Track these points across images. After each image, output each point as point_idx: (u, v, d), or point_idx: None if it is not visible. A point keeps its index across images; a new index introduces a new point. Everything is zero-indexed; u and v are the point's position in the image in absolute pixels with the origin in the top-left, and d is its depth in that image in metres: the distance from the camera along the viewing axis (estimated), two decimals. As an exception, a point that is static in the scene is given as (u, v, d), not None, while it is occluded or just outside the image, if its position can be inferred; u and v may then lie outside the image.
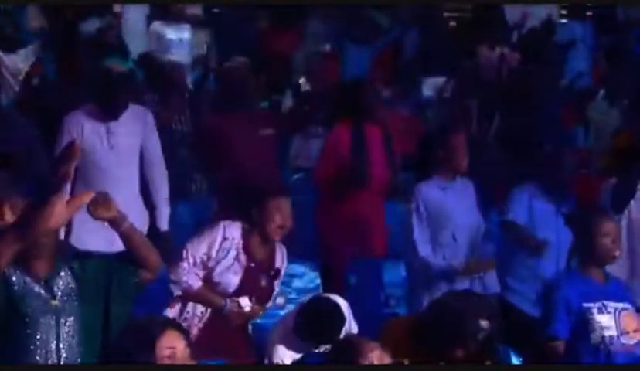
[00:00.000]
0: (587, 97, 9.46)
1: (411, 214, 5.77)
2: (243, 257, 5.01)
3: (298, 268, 6.51)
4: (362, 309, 5.52)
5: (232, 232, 5.03)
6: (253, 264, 5.03)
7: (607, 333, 4.54)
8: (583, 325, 4.59)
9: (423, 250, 5.70)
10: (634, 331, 4.59)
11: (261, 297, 5.08)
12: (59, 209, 2.69)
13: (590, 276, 4.68)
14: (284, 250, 5.25)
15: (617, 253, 4.68)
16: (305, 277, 6.37)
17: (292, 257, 6.43)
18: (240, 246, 5.02)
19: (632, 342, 4.58)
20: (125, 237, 3.85)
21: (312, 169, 6.75)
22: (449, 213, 5.76)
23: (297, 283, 6.33)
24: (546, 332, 4.66)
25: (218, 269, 4.99)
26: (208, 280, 5.00)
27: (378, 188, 6.45)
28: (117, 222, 3.82)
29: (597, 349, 4.55)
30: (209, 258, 4.99)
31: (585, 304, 4.58)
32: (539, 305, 5.07)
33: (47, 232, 3.27)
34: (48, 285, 3.77)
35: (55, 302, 3.75)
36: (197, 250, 5.00)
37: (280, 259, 5.22)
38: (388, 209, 6.59)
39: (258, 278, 5.06)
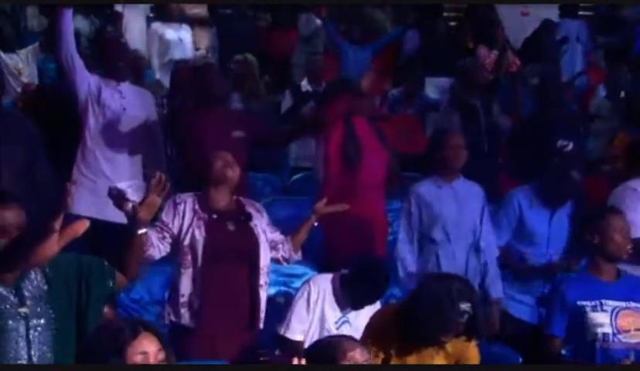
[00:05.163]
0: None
1: (402, 213, 5.87)
2: (201, 213, 5.10)
3: (299, 268, 6.50)
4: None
5: (183, 197, 5.16)
6: (215, 215, 5.10)
7: (600, 330, 4.61)
8: (578, 323, 4.68)
9: (401, 249, 5.79)
10: (636, 329, 4.63)
11: (239, 236, 5.12)
12: (51, 243, 2.66)
13: (596, 275, 4.76)
14: (257, 204, 5.36)
15: (628, 248, 4.74)
16: (306, 277, 6.35)
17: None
18: (195, 204, 5.13)
19: (634, 340, 4.63)
20: (136, 241, 3.81)
21: (313, 170, 6.75)
22: (441, 210, 5.79)
23: (297, 283, 6.32)
24: (544, 332, 4.82)
25: (182, 232, 5.07)
26: (177, 243, 5.08)
27: (375, 174, 6.47)
28: (141, 224, 3.81)
29: (593, 347, 4.62)
30: (165, 224, 5.08)
31: (580, 303, 4.67)
32: (538, 311, 5.20)
33: (39, 263, 3.30)
34: (18, 289, 3.59)
35: (24, 309, 3.59)
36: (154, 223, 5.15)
37: (252, 207, 5.27)
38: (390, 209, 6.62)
39: (225, 225, 5.11)
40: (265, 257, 5.19)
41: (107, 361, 2.98)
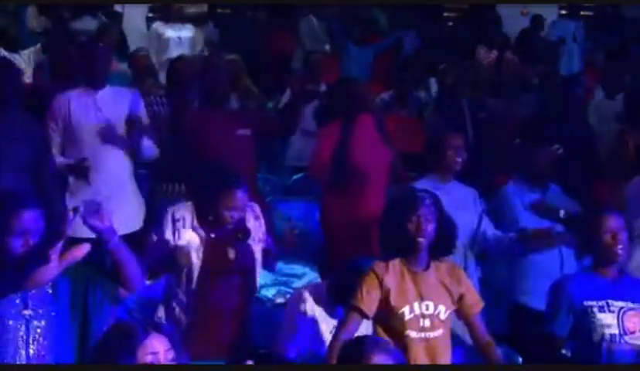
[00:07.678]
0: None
1: None
2: (199, 230, 4.97)
3: (299, 268, 6.53)
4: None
5: (181, 212, 5.02)
6: (213, 234, 4.99)
7: (607, 331, 4.54)
8: (584, 323, 4.59)
9: None
10: None
11: (238, 259, 5.05)
12: (50, 269, 2.72)
13: (600, 274, 4.68)
14: (257, 207, 5.23)
15: (619, 250, 4.65)
16: (306, 277, 6.39)
17: (293, 258, 6.51)
18: (194, 220, 4.99)
19: (639, 341, 4.56)
20: (112, 253, 3.80)
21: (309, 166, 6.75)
22: None
23: (297, 283, 6.35)
24: (545, 330, 4.70)
25: (179, 251, 4.95)
26: (173, 259, 4.98)
27: (379, 174, 6.45)
28: (106, 237, 3.78)
29: (599, 347, 4.53)
30: (164, 241, 4.98)
31: (586, 303, 4.59)
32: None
33: (39, 285, 3.43)
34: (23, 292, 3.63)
35: (27, 311, 3.63)
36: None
37: (253, 218, 5.16)
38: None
39: (225, 251, 5.01)
40: (259, 269, 5.19)
41: (118, 361, 3.07)
